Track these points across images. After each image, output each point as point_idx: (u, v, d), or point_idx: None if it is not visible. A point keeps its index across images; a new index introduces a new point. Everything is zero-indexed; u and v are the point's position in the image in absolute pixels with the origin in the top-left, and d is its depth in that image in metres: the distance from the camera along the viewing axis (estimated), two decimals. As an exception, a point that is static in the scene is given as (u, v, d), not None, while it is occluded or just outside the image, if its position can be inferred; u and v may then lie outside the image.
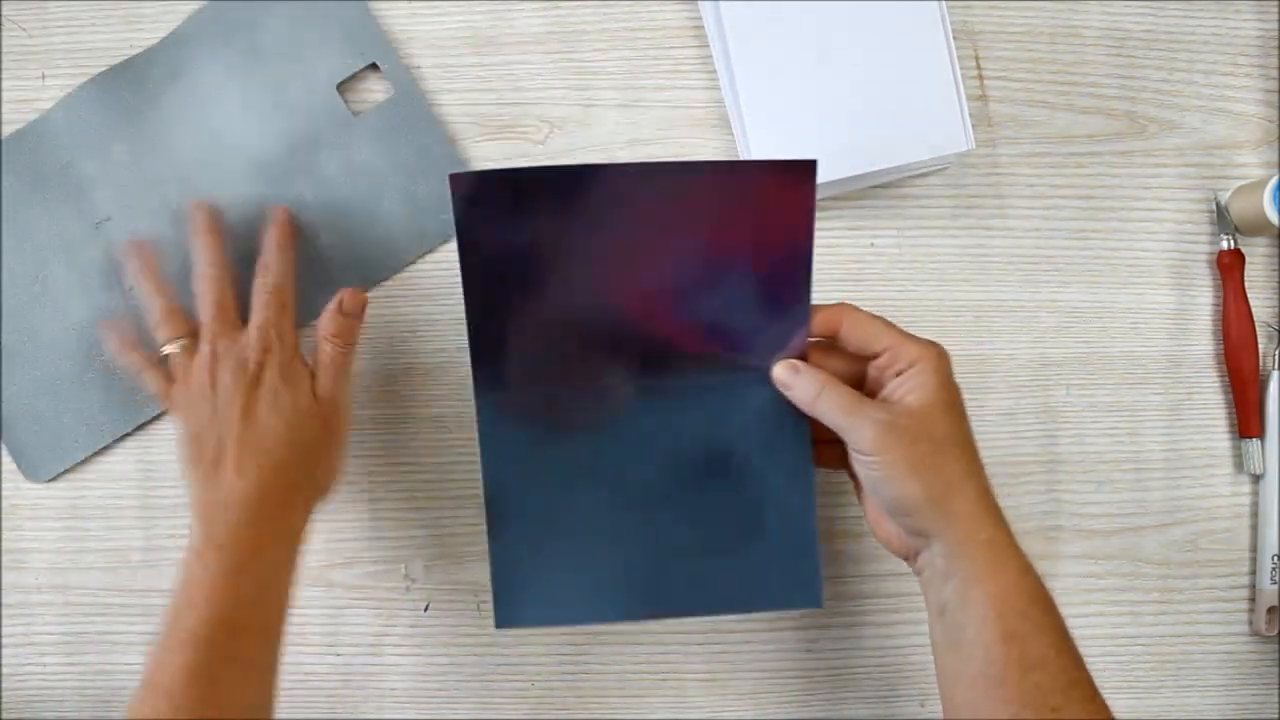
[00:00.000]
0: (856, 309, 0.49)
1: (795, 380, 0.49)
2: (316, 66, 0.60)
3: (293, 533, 0.50)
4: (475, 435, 0.51)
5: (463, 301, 0.49)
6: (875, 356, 0.48)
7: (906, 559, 0.49)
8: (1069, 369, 0.62)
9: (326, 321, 0.52)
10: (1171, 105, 0.63)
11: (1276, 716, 0.63)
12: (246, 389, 0.50)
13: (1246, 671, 0.62)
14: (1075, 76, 0.62)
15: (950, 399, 0.47)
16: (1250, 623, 0.62)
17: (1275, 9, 0.63)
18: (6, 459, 0.60)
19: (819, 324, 0.49)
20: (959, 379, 0.60)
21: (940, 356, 0.47)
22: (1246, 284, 0.62)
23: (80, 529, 0.60)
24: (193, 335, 0.52)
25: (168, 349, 0.53)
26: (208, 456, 0.49)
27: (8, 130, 0.59)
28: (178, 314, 0.53)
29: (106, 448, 0.60)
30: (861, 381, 0.50)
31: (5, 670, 0.60)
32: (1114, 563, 0.62)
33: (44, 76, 0.60)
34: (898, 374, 0.47)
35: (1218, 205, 0.62)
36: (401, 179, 0.60)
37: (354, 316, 0.53)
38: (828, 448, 0.51)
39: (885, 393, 0.47)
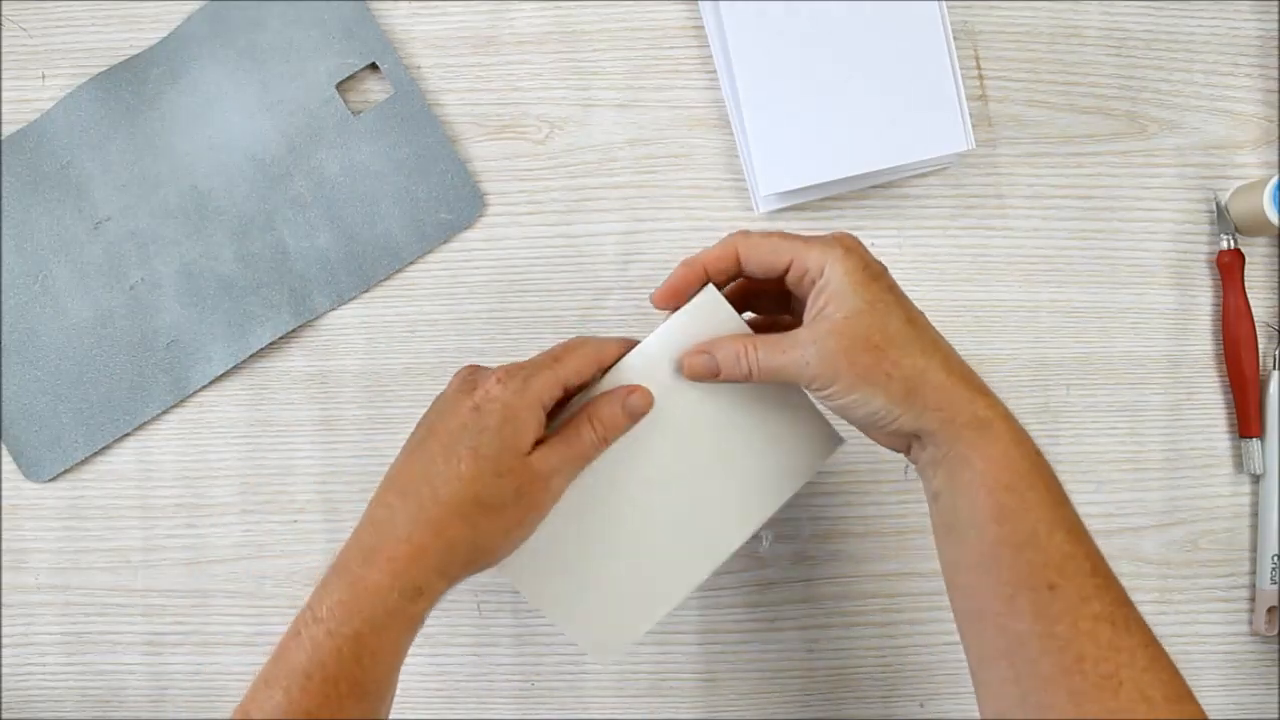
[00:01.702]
0: (748, 233, 0.46)
1: (712, 364, 0.45)
2: (316, 66, 0.60)
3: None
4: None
5: (463, 303, 0.49)
6: (785, 274, 0.45)
7: (901, 452, 0.47)
8: (1069, 369, 0.62)
9: (604, 404, 0.46)
10: (1171, 105, 0.63)
11: (1276, 717, 0.62)
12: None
13: (1246, 671, 0.62)
14: (1075, 76, 0.62)
15: (871, 294, 0.43)
16: (1250, 623, 0.62)
17: (1275, 9, 0.63)
18: (6, 459, 0.60)
19: (717, 261, 0.46)
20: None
21: (847, 252, 0.43)
22: (1246, 284, 0.62)
23: (80, 529, 0.60)
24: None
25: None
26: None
27: (8, 130, 0.59)
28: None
29: (106, 448, 0.60)
30: (787, 300, 0.49)
31: (5, 670, 0.60)
32: (1114, 563, 0.61)
33: (44, 76, 0.60)
34: (811, 283, 0.44)
35: (1218, 205, 0.62)
36: (401, 179, 0.60)
37: (631, 418, 0.47)
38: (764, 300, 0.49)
39: (807, 311, 0.44)
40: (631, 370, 0.47)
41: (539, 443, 0.44)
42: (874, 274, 0.43)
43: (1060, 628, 0.39)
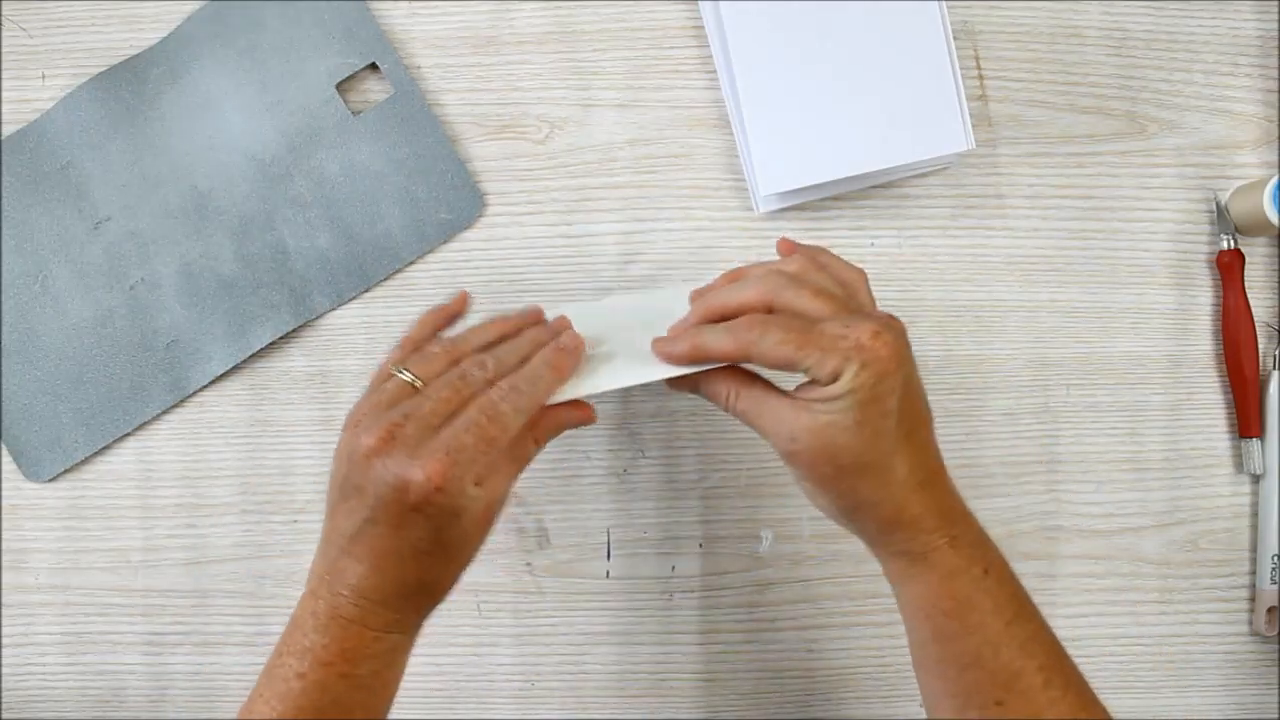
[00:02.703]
0: (761, 331, 0.42)
1: (695, 389, 0.45)
2: (316, 66, 0.60)
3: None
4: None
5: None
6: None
7: None
8: (1069, 369, 0.62)
9: (545, 419, 0.45)
10: (1171, 105, 0.63)
11: (1276, 717, 0.62)
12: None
13: (1246, 671, 0.62)
14: (1075, 76, 0.62)
15: (864, 416, 0.40)
16: (1250, 623, 0.62)
17: (1275, 9, 0.63)
18: (6, 459, 0.60)
19: (725, 358, 0.43)
20: (959, 380, 0.61)
21: (861, 369, 0.40)
22: (1246, 284, 0.62)
23: (80, 529, 0.60)
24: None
25: None
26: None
27: (8, 130, 0.59)
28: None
29: (106, 448, 0.60)
30: None
31: (5, 670, 0.60)
32: (1114, 563, 0.62)
33: (44, 76, 0.60)
34: (820, 382, 0.41)
35: (1218, 205, 0.62)
36: (401, 179, 0.60)
37: (563, 428, 0.46)
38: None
39: (805, 390, 0.42)
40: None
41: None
42: (882, 393, 0.41)
43: None
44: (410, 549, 0.41)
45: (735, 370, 0.44)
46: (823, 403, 0.41)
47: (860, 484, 0.42)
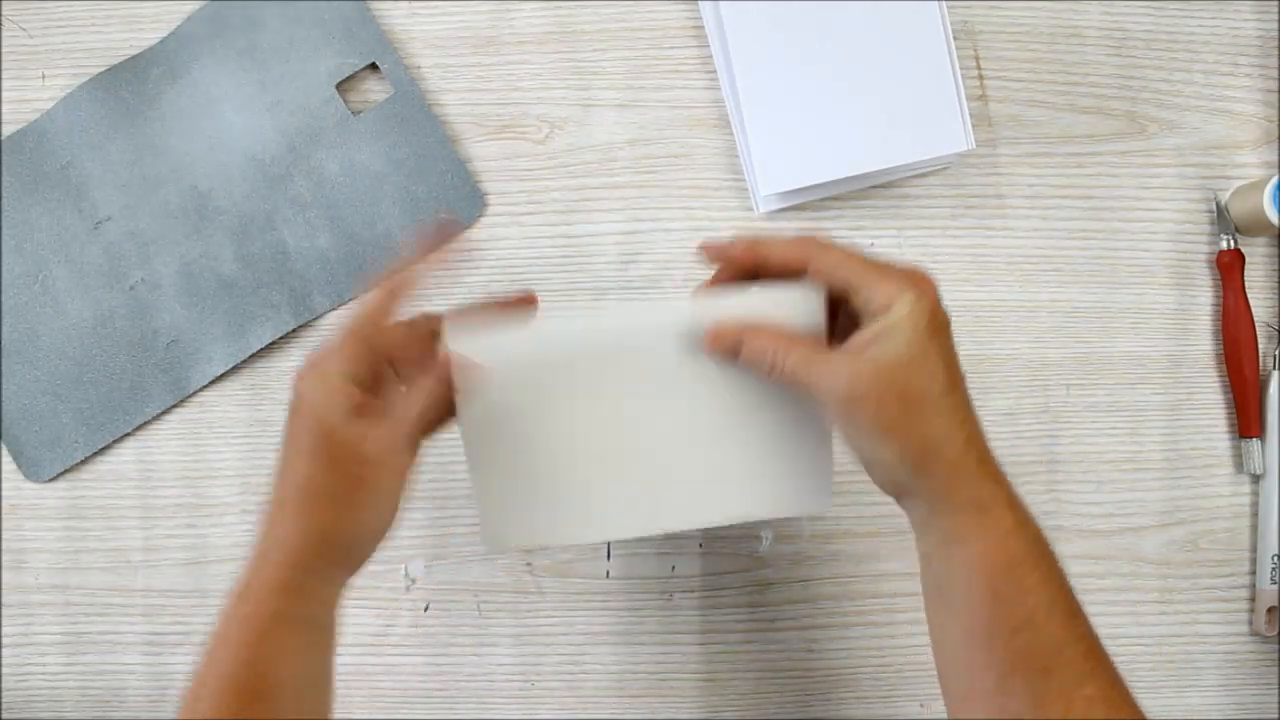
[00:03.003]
0: (824, 246, 0.43)
1: (735, 349, 0.43)
2: (316, 66, 0.60)
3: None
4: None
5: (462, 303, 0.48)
6: (845, 296, 0.43)
7: (891, 496, 0.45)
8: (1069, 369, 0.62)
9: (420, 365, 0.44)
10: (1171, 105, 0.63)
11: (1276, 717, 0.62)
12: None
13: (1246, 671, 0.62)
14: (1075, 76, 0.62)
15: (926, 347, 0.40)
16: (1250, 623, 0.62)
17: (1275, 9, 0.63)
18: (6, 459, 0.60)
19: (781, 258, 0.43)
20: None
21: (919, 297, 0.40)
22: (1246, 284, 0.62)
23: (80, 529, 0.60)
24: None
25: None
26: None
27: (8, 130, 0.59)
28: None
29: (106, 448, 0.60)
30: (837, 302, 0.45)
31: (5, 670, 0.60)
32: (1114, 563, 0.62)
33: (44, 76, 0.60)
34: (873, 315, 0.41)
35: (1218, 205, 0.62)
36: (401, 179, 0.60)
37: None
38: None
39: (857, 338, 0.42)
40: (671, 323, 0.45)
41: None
42: (938, 326, 0.41)
43: (1054, 710, 0.39)
44: (293, 455, 0.42)
45: (779, 332, 0.43)
46: (881, 341, 0.40)
47: (931, 419, 0.41)
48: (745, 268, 0.45)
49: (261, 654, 0.41)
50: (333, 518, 0.42)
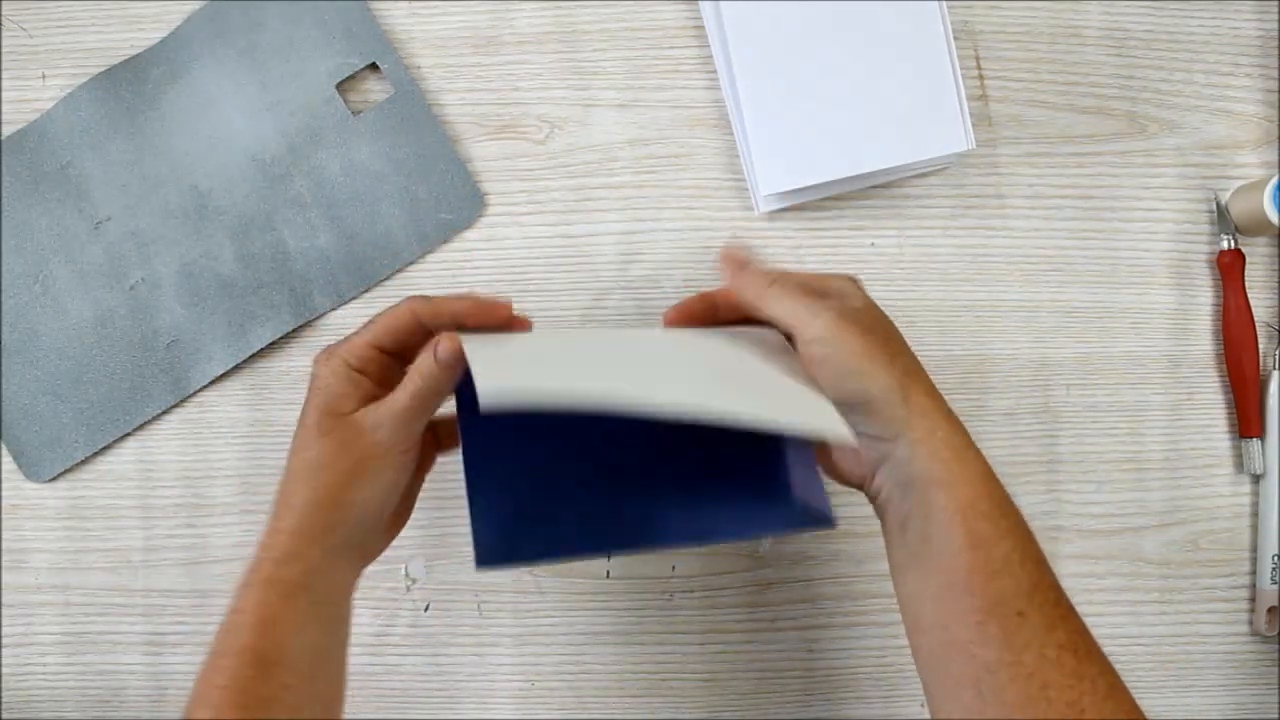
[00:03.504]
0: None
1: (738, 278, 0.47)
2: (316, 66, 0.60)
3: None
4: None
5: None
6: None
7: (862, 485, 0.46)
8: (1069, 369, 0.62)
9: (421, 355, 0.45)
10: (1171, 105, 0.63)
11: (1276, 716, 0.62)
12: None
13: (1246, 671, 0.62)
14: (1075, 76, 0.62)
15: (872, 311, 0.46)
16: (1250, 623, 0.62)
17: (1275, 9, 0.63)
18: (6, 459, 0.60)
19: (731, 310, 0.48)
20: (959, 380, 0.61)
21: (839, 317, 0.44)
22: (1246, 284, 0.62)
23: (80, 529, 0.60)
24: None
25: None
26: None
27: (8, 130, 0.60)
28: None
29: (106, 448, 0.60)
30: None
31: (5, 670, 0.60)
32: (1114, 563, 0.62)
33: (44, 76, 0.60)
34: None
35: (1218, 205, 0.62)
36: (401, 179, 0.60)
37: (441, 366, 0.45)
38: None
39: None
40: (648, 342, 0.47)
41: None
42: (875, 311, 0.46)
43: (1027, 656, 0.40)
44: (303, 430, 0.45)
45: (769, 273, 0.47)
46: (841, 300, 0.45)
47: (904, 352, 0.45)
48: (702, 318, 0.50)
49: (271, 623, 0.43)
50: (336, 489, 0.44)
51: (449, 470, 0.60)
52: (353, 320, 0.60)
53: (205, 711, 0.41)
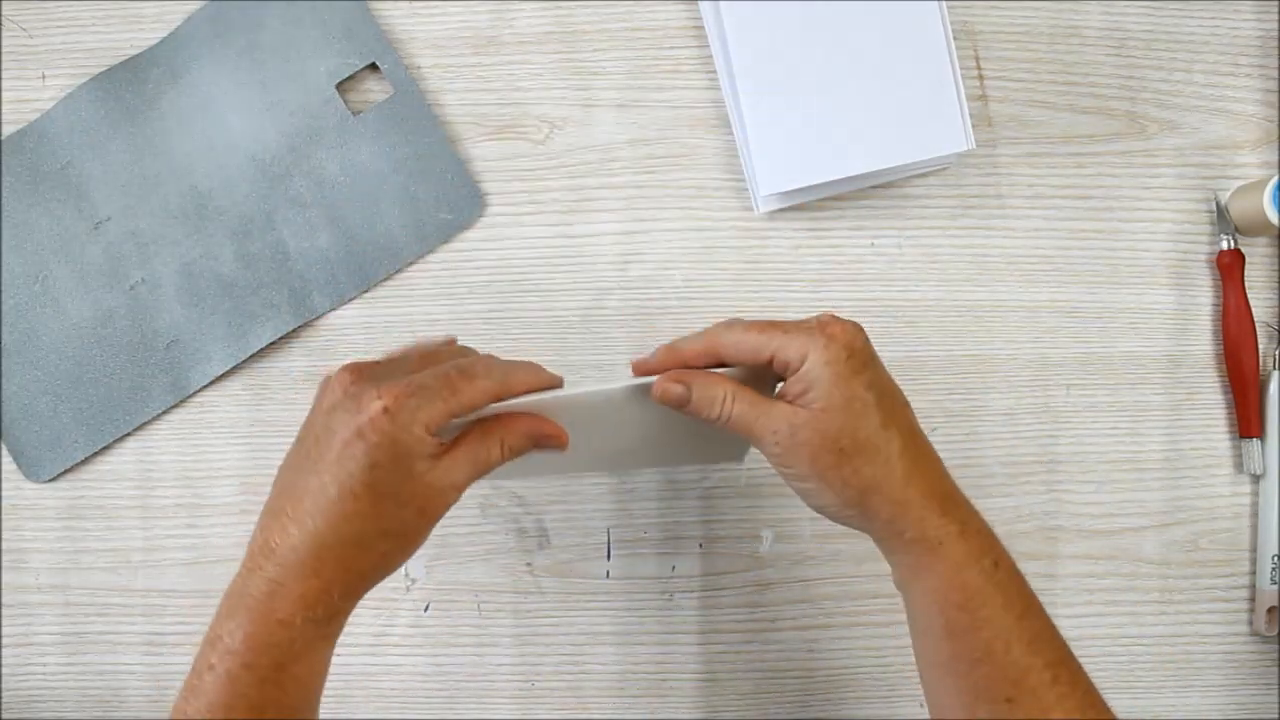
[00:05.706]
0: (730, 326, 0.44)
1: (685, 396, 0.44)
2: (316, 66, 0.60)
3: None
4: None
5: (463, 303, 0.48)
6: (770, 363, 0.44)
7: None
8: (1069, 369, 0.62)
9: (519, 428, 0.44)
10: (1171, 105, 0.63)
11: (1276, 717, 0.63)
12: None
13: (1246, 671, 0.62)
14: (1075, 76, 0.62)
15: (850, 391, 0.42)
16: (1250, 623, 0.62)
17: (1275, 9, 0.63)
18: (6, 459, 0.60)
19: (698, 358, 0.45)
20: (959, 380, 0.60)
21: (829, 341, 0.42)
22: (1246, 284, 0.62)
23: (80, 529, 0.60)
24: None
25: None
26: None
27: (8, 130, 0.59)
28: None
29: (106, 448, 0.60)
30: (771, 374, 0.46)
31: (5, 670, 0.60)
32: (1114, 563, 0.62)
33: (44, 76, 0.60)
34: (794, 372, 0.43)
35: (1218, 205, 0.62)
36: (401, 179, 0.60)
37: (538, 449, 0.44)
38: None
39: (785, 386, 0.43)
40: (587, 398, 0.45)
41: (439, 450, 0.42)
42: (856, 366, 0.42)
43: None
44: (338, 488, 0.40)
45: (725, 378, 0.44)
46: (808, 391, 0.42)
47: (863, 465, 0.42)
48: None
49: (297, 677, 0.41)
50: (397, 549, 0.43)
51: (449, 470, 0.60)
52: (352, 320, 0.60)
53: None
